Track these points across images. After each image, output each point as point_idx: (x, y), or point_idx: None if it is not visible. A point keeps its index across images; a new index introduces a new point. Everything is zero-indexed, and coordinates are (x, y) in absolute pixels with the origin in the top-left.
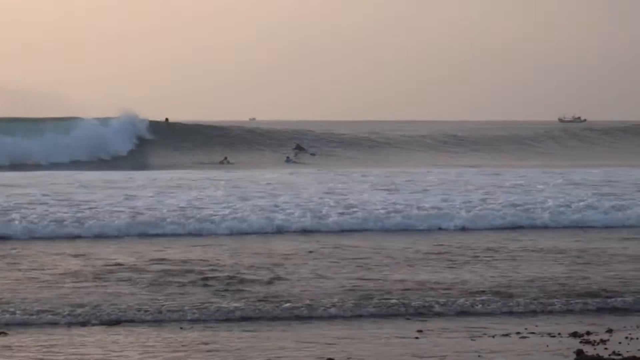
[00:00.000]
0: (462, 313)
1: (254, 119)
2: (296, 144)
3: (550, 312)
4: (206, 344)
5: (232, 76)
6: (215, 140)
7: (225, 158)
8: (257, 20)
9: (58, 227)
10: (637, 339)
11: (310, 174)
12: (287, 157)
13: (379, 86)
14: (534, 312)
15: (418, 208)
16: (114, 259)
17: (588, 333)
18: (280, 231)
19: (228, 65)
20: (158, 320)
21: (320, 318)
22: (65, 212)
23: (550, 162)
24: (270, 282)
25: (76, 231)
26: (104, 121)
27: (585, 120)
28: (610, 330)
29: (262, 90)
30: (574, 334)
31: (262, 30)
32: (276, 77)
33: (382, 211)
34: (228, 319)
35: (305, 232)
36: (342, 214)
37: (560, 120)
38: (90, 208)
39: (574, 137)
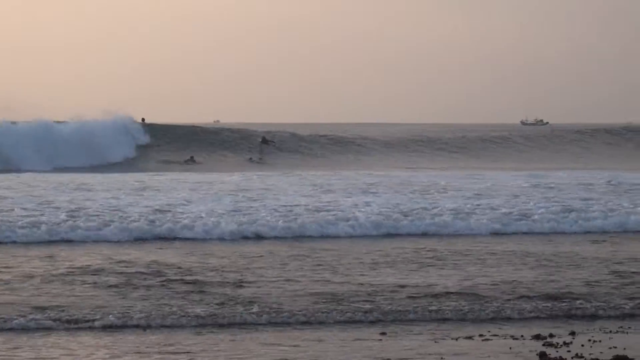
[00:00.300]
0: (427, 315)
1: (218, 121)
2: (262, 136)
3: (515, 315)
4: (172, 345)
5: (197, 79)
6: (208, 141)
7: (191, 157)
8: (228, 23)
9: (31, 231)
10: (600, 341)
11: (283, 177)
12: (250, 158)
13: (356, 90)
14: (498, 315)
15: (395, 212)
16: (82, 262)
17: (551, 335)
18: (251, 236)
19: (194, 69)
20: (124, 324)
21: (286, 321)
22: (41, 216)
23: (527, 165)
24: (237, 286)
25: (50, 234)
26: (97, 123)
27: (547, 123)
28: (573, 333)
29: (227, 93)
30: (537, 337)
31: (233, 33)
32: (241, 79)
33: (358, 214)
34: (194, 322)
35: (276, 237)
36: (315, 217)
37: (523, 123)
38: (68, 211)
39: (548, 139)
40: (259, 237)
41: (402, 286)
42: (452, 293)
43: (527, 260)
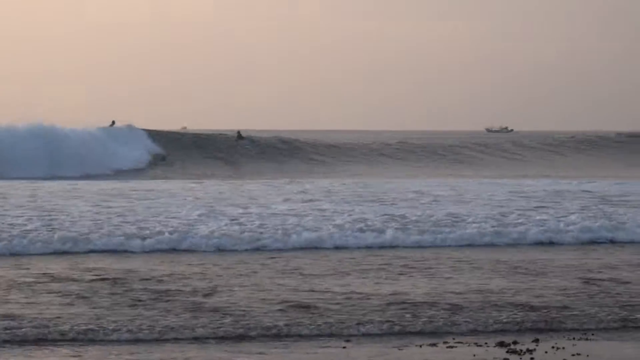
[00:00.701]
0: (394, 323)
1: (185, 127)
2: (238, 131)
3: (483, 323)
4: (139, 353)
5: (164, 85)
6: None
7: (163, 157)
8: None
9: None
10: (563, 348)
11: (259, 185)
12: (222, 157)
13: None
14: (465, 324)
15: (370, 222)
16: (50, 270)
17: (515, 342)
18: (225, 245)
19: (160, 74)
20: (92, 336)
21: (254, 330)
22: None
23: (495, 172)
24: (207, 295)
25: (21, 244)
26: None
27: (512, 130)
28: (536, 340)
29: (194, 100)
30: (501, 344)
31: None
32: (210, 86)
33: (335, 223)
34: (161, 332)
35: (250, 248)
36: (290, 226)
37: (488, 130)
38: (42, 220)
39: (523, 147)
40: (231, 246)
41: (372, 294)
42: (421, 302)
43: (498, 269)
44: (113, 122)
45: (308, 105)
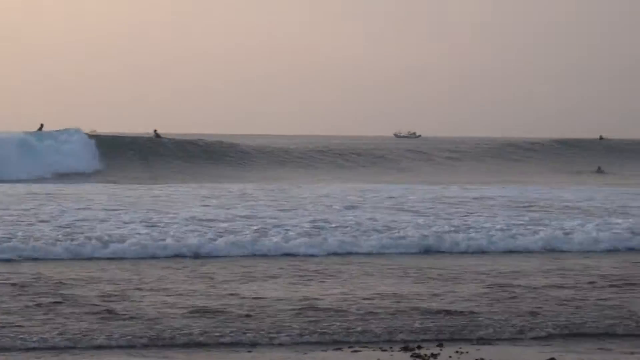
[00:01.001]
0: (301, 329)
1: (94, 131)
2: (154, 130)
3: (389, 328)
4: (47, 358)
5: (71, 87)
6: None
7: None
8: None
9: None
10: (467, 353)
11: (174, 189)
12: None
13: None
14: (369, 329)
15: (286, 229)
16: None
17: (419, 347)
18: (142, 254)
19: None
20: None
21: (162, 337)
22: None
23: (405, 178)
24: (116, 301)
25: None
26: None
27: (420, 135)
28: (441, 345)
29: (98, 102)
30: (405, 348)
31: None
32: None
33: (250, 228)
34: (67, 340)
35: (171, 255)
36: (208, 236)
37: (396, 135)
38: None
39: (438, 152)
40: (144, 252)
41: (282, 300)
42: (330, 308)
43: (414, 275)
44: (41, 126)
45: (227, 109)
